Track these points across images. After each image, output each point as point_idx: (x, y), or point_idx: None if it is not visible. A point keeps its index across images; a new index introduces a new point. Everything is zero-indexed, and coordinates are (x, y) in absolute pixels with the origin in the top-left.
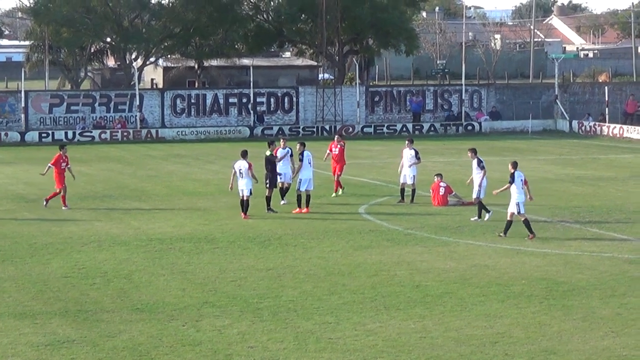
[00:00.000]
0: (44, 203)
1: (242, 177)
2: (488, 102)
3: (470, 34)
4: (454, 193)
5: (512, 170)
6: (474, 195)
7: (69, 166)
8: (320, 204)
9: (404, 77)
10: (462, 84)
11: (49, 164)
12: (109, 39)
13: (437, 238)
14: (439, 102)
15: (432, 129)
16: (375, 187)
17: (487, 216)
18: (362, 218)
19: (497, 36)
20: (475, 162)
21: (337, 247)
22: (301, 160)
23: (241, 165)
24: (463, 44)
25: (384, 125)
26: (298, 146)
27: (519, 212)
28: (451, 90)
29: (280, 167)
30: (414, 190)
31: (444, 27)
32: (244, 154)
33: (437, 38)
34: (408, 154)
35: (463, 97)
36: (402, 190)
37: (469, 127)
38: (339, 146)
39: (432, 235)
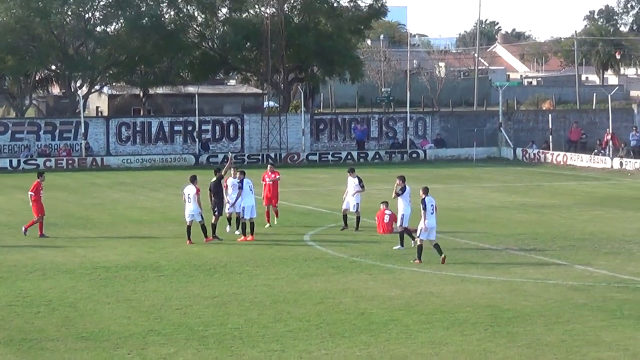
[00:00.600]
0: (23, 231)
1: (189, 202)
2: (433, 129)
3: (415, 61)
4: (400, 223)
5: (423, 196)
6: (398, 223)
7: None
8: (265, 231)
9: (349, 104)
10: (406, 112)
11: (30, 192)
12: (53, 67)
13: (382, 265)
14: (384, 129)
15: (377, 156)
16: (320, 215)
17: (399, 247)
18: (308, 245)
19: (442, 64)
20: (405, 190)
21: (283, 275)
22: (241, 187)
23: (189, 190)
24: (408, 71)
25: (329, 153)
26: (238, 174)
27: (401, 225)
28: (396, 118)
29: (231, 197)
30: (358, 218)
31: (389, 55)
32: (193, 179)
33: (382, 66)
34: (352, 182)
35: (408, 125)
36: (345, 217)
37: (414, 155)
38: (273, 176)
39: (377, 262)
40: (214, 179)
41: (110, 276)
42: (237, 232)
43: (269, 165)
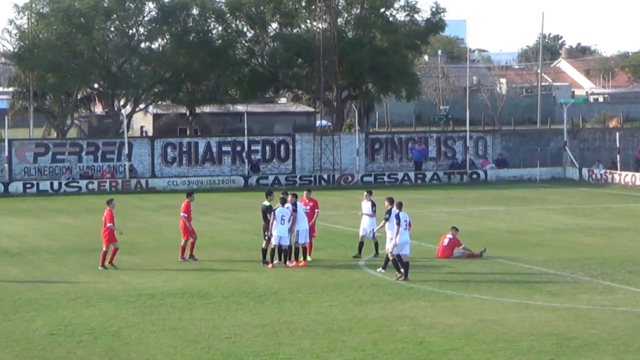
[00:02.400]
0: (182, 259)
1: (283, 224)
2: (494, 149)
3: (474, 78)
4: (462, 246)
5: (397, 211)
6: (390, 250)
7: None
8: (319, 257)
9: (406, 123)
10: (466, 130)
11: (182, 213)
12: (96, 85)
13: (441, 292)
14: (442, 149)
15: (435, 177)
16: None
17: (380, 269)
18: (363, 271)
19: (503, 80)
20: (392, 213)
21: (337, 302)
22: (295, 211)
23: (283, 211)
24: (467, 88)
25: (384, 174)
26: (289, 197)
27: (390, 251)
28: (455, 137)
29: (282, 227)
30: (376, 243)
31: (447, 71)
32: (284, 200)
33: (440, 82)
34: (366, 206)
35: (467, 144)
36: (361, 244)
37: (474, 176)
38: (310, 204)
39: (436, 289)
40: (266, 202)
41: (155, 304)
42: (276, 262)
43: (305, 192)
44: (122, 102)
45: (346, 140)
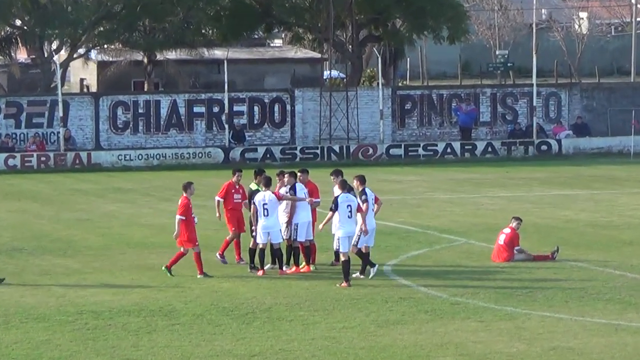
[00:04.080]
0: (220, 258)
1: (267, 215)
2: (571, 110)
3: (543, 11)
4: (519, 247)
5: (361, 187)
6: (353, 243)
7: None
8: (327, 259)
9: (448, 74)
10: (532, 84)
11: (218, 197)
12: (18, 22)
13: (497, 308)
14: (500, 110)
15: (490, 149)
16: (406, 235)
17: (371, 272)
18: (390, 280)
19: (583, 15)
20: (361, 194)
21: (353, 323)
22: (294, 195)
23: (266, 197)
24: (534, 25)
25: (418, 145)
26: (286, 177)
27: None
28: (517, 94)
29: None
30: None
31: (506, 3)
32: (268, 181)
33: (496, 18)
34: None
35: (534, 104)
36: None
37: (543, 147)
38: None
39: (491, 304)
40: (253, 185)
41: (101, 325)
42: (269, 266)
43: (299, 173)
44: (54, 46)
45: (366, 97)
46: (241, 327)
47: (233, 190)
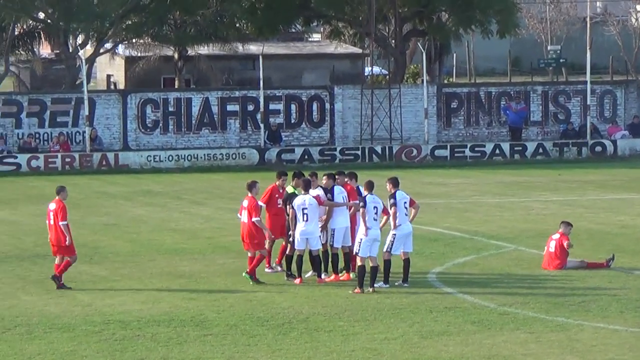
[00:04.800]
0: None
1: (307, 219)
2: (627, 109)
3: (598, 4)
4: (568, 241)
5: (393, 190)
6: (386, 249)
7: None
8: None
9: (497, 71)
10: (586, 82)
11: (260, 202)
12: (42, 15)
13: (549, 319)
14: (551, 109)
15: (541, 150)
16: (452, 242)
17: (383, 286)
18: (434, 288)
19: None
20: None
21: (396, 334)
22: (332, 199)
23: (306, 201)
24: (588, 19)
25: (465, 146)
26: (325, 179)
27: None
28: (570, 92)
29: (310, 224)
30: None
31: None
32: (308, 184)
33: (548, 11)
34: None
35: (588, 102)
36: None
37: (598, 148)
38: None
39: (542, 314)
40: (290, 188)
41: (129, 335)
42: (309, 274)
43: (336, 176)
44: (79, 40)
45: (409, 95)
46: (277, 338)
47: (277, 195)
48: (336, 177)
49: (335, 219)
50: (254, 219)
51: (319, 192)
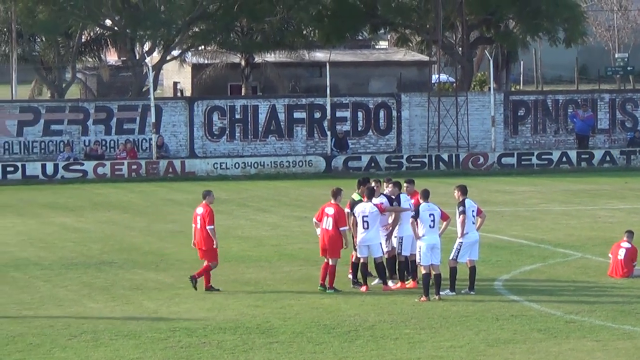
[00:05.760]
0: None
1: (367, 227)
2: None
3: None
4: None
5: (461, 198)
6: (452, 257)
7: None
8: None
9: (564, 79)
10: None
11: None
12: (109, 22)
13: (615, 327)
14: (619, 117)
15: (608, 158)
16: (519, 249)
17: (449, 294)
18: (501, 296)
19: None
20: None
21: (462, 342)
22: (397, 206)
23: (367, 209)
24: None
25: (532, 154)
26: (390, 186)
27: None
28: (637, 100)
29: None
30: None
31: (626, 3)
32: (372, 192)
33: (615, 19)
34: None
35: None
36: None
37: None
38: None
39: (609, 322)
40: (356, 195)
41: (195, 343)
42: (376, 282)
43: (405, 184)
44: (146, 48)
45: (476, 103)
46: (343, 345)
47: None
48: (405, 185)
49: (403, 226)
50: (341, 228)
51: (382, 199)
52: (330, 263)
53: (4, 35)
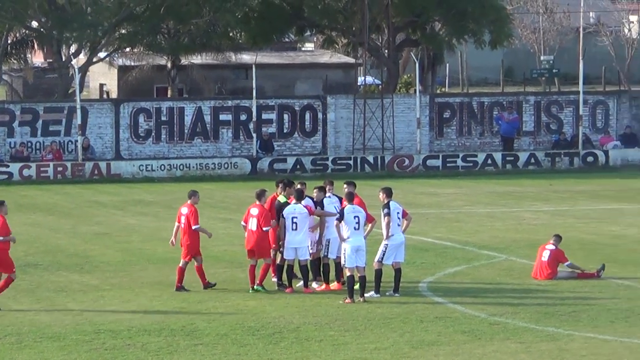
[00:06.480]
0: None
1: (296, 229)
2: (619, 119)
3: (591, 15)
4: (569, 262)
5: (387, 200)
6: (377, 259)
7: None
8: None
9: (490, 81)
10: (579, 92)
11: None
12: (34, 24)
13: (539, 329)
14: (544, 119)
15: (533, 160)
16: (444, 252)
17: (374, 296)
18: (425, 298)
19: (634, 18)
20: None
21: (386, 344)
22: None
23: (297, 210)
24: (581, 29)
25: (457, 156)
26: (315, 192)
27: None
28: (562, 102)
29: (299, 233)
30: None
31: (551, 6)
32: (301, 194)
33: (541, 21)
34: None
35: (581, 113)
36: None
37: (590, 159)
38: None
39: (532, 324)
40: (282, 197)
41: (120, 345)
42: (300, 284)
43: (327, 184)
44: (72, 49)
45: (402, 105)
46: (267, 347)
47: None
48: (327, 188)
49: (329, 229)
50: (264, 228)
51: (308, 202)
52: (265, 262)
53: None
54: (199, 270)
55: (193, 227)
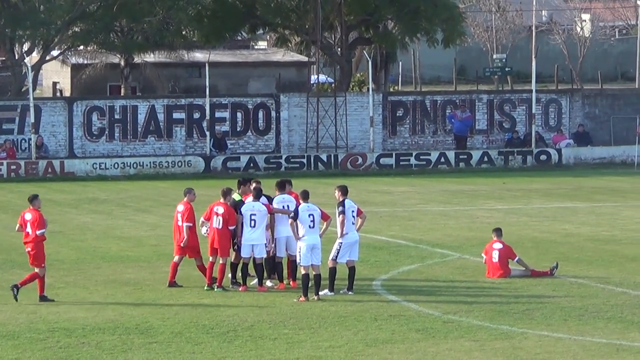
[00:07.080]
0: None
1: (254, 226)
2: (572, 117)
3: (544, 13)
4: (517, 258)
5: (342, 198)
6: (331, 257)
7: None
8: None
9: (443, 79)
10: (531, 90)
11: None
12: None
13: (493, 327)
14: (497, 118)
15: (486, 159)
16: (397, 250)
17: (328, 294)
18: (379, 296)
19: (586, 17)
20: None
21: (340, 342)
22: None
23: (255, 207)
24: (533, 28)
25: (410, 154)
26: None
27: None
28: (515, 100)
29: (257, 231)
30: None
31: (504, 4)
32: (259, 192)
33: (494, 20)
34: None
35: (533, 111)
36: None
37: (543, 157)
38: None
39: (486, 322)
40: (236, 195)
41: (74, 343)
42: (254, 282)
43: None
44: (25, 47)
45: (355, 103)
46: (222, 345)
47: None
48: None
49: (276, 227)
50: (230, 227)
51: (265, 200)
52: (221, 262)
53: None
54: (201, 268)
55: (184, 224)
